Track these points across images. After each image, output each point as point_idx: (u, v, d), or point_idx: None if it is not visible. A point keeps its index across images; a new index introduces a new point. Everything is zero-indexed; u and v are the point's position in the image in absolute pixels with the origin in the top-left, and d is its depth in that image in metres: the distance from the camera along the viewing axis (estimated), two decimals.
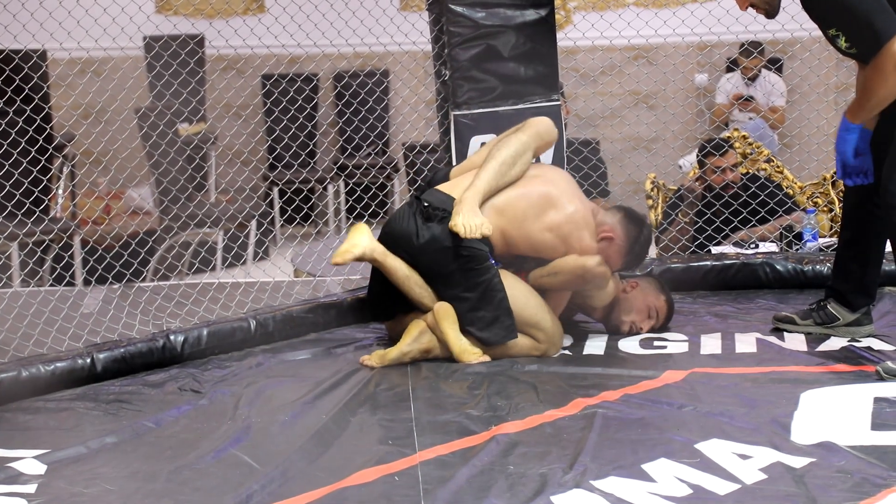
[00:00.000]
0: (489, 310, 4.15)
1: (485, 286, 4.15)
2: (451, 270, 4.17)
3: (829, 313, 4.27)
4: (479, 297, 4.15)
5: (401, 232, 4.25)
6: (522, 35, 4.99)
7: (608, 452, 3.21)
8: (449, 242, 4.15)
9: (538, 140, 4.41)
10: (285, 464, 3.19)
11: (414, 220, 4.23)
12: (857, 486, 2.94)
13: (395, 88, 9.27)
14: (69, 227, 6.49)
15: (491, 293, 4.15)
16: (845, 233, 4.22)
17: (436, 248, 4.17)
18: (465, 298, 4.16)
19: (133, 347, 4.18)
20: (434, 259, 4.18)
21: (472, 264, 4.15)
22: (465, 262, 4.15)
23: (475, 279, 4.16)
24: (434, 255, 4.17)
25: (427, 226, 4.21)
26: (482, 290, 4.15)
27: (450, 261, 4.16)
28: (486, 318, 4.15)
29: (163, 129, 6.75)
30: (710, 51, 8.79)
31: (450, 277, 4.17)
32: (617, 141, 8.27)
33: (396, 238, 4.25)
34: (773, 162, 6.61)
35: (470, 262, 4.15)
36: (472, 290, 4.16)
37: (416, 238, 4.20)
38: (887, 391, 3.63)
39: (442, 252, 4.16)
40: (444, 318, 4.14)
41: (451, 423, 3.49)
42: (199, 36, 8.33)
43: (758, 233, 5.97)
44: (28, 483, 3.16)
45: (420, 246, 4.19)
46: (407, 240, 4.22)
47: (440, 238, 4.17)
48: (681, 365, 4.00)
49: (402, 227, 4.25)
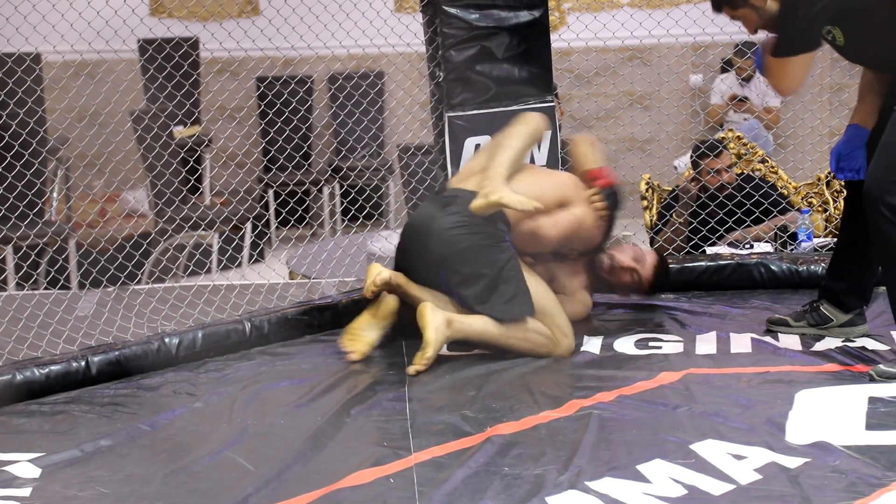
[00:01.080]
0: (508, 287, 4.16)
1: (503, 264, 4.17)
2: (468, 247, 4.16)
3: (823, 315, 4.27)
4: (497, 274, 4.16)
5: (419, 221, 4.29)
6: (516, 36, 4.99)
7: (603, 453, 3.21)
8: (467, 222, 4.18)
9: (539, 135, 4.49)
10: (281, 466, 3.19)
11: (433, 209, 4.28)
12: (852, 485, 2.95)
13: (389, 90, 9.27)
14: (64, 231, 6.49)
15: (510, 272, 4.17)
16: (844, 234, 4.22)
17: (454, 230, 4.18)
18: (482, 275, 4.16)
19: (128, 350, 4.17)
20: (452, 240, 4.18)
21: (491, 241, 4.18)
22: (483, 240, 4.17)
23: (494, 256, 4.17)
24: (452, 236, 4.18)
25: (445, 211, 4.23)
26: (500, 267, 4.17)
27: (468, 239, 4.17)
28: (505, 293, 4.15)
29: (157, 132, 6.75)
30: (705, 51, 8.80)
31: (466, 254, 4.17)
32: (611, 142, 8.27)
33: (415, 227, 4.29)
34: (768, 162, 6.62)
35: (488, 239, 4.18)
36: (489, 266, 4.16)
37: (435, 222, 4.21)
38: (882, 391, 3.63)
39: (460, 231, 4.18)
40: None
41: (447, 424, 3.49)
42: (193, 38, 8.33)
43: (752, 233, 5.97)
44: (23, 486, 3.15)
45: (438, 230, 4.20)
46: (425, 227, 4.24)
47: (459, 220, 4.19)
48: (676, 366, 4.00)
49: (421, 217, 4.30)
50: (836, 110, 8.31)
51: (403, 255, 4.35)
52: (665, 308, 4.75)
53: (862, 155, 3.98)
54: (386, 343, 4.29)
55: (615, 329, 4.49)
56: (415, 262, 4.27)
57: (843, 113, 7.86)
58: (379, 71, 9.06)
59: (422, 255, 4.25)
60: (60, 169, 7.65)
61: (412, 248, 4.29)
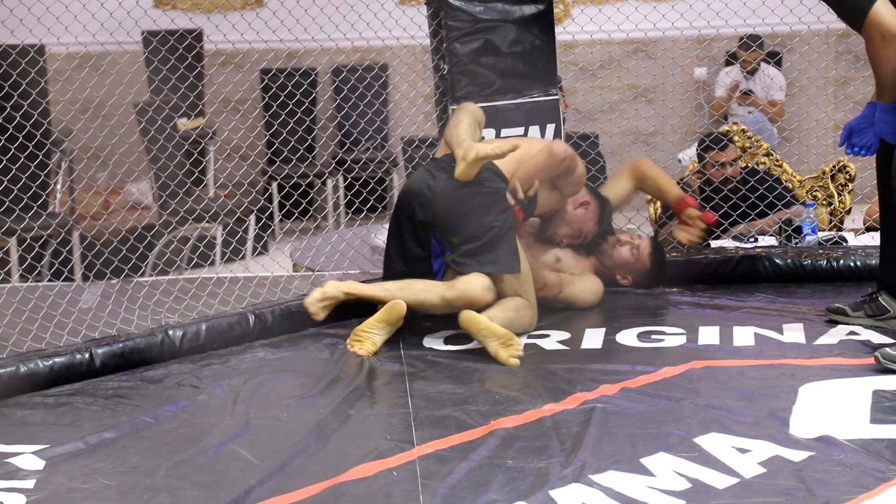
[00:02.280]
0: (506, 242, 4.28)
1: (504, 220, 4.29)
2: (471, 207, 4.28)
3: (881, 305, 4.25)
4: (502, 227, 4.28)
5: (414, 187, 4.38)
6: (521, 29, 4.99)
7: (607, 447, 3.21)
8: (468, 182, 4.29)
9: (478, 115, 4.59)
10: (284, 459, 3.19)
11: (426, 175, 4.37)
12: (856, 479, 2.94)
13: (393, 83, 9.26)
14: (67, 223, 6.48)
15: (509, 231, 4.29)
16: (885, 222, 4.19)
17: (453, 190, 4.29)
18: (491, 227, 4.27)
19: (131, 342, 4.18)
20: (453, 200, 4.28)
21: (494, 199, 4.30)
22: (485, 199, 4.29)
23: (497, 213, 4.29)
24: (453, 197, 4.29)
25: (441, 173, 4.34)
26: (503, 221, 4.29)
27: (470, 199, 4.29)
28: (504, 251, 4.26)
29: (161, 125, 6.75)
30: (709, 44, 8.78)
31: (469, 215, 4.28)
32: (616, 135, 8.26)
33: (411, 193, 4.37)
34: (773, 156, 6.61)
35: (490, 198, 4.29)
36: (493, 225, 4.28)
37: (432, 183, 4.32)
38: (886, 384, 3.62)
39: (461, 192, 4.29)
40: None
41: (450, 417, 3.48)
42: (197, 31, 8.31)
43: (757, 227, 5.96)
44: (26, 478, 3.16)
45: (436, 191, 4.30)
46: (420, 191, 4.34)
47: (457, 181, 4.29)
48: (679, 359, 3.99)
49: (415, 183, 4.39)
50: (840, 103, 8.30)
51: (400, 221, 4.41)
52: (668, 301, 4.75)
53: (873, 133, 3.94)
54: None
55: (618, 322, 4.48)
56: (414, 228, 4.36)
57: (847, 106, 7.85)
58: (383, 63, 9.04)
59: (421, 221, 4.34)
60: (64, 161, 7.65)
61: (411, 213, 4.36)
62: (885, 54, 3.75)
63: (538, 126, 5.01)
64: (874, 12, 3.74)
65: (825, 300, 4.64)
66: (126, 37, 5.54)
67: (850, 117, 4.15)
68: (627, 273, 4.81)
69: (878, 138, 3.95)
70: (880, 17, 3.75)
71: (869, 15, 3.73)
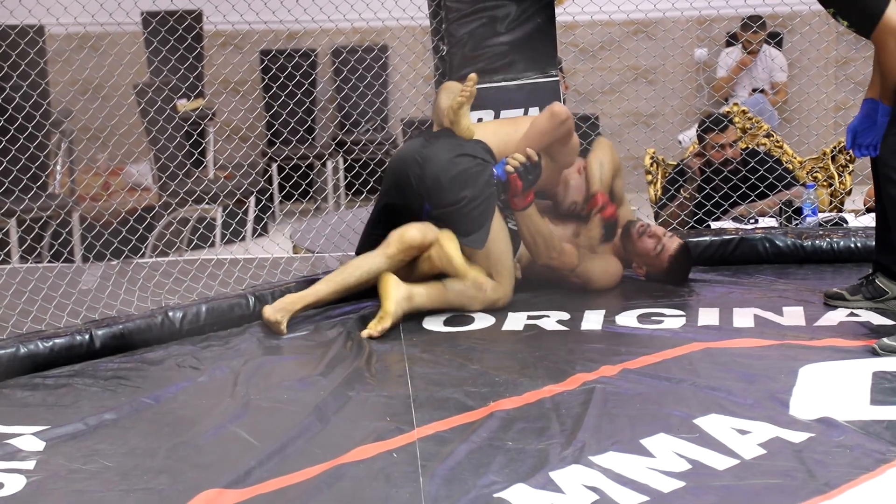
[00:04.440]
0: (479, 217, 4.36)
1: (481, 195, 4.36)
2: (455, 176, 4.35)
3: (878, 287, 4.25)
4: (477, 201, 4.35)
5: (407, 152, 4.46)
6: (520, 10, 4.97)
7: (607, 428, 3.21)
8: (456, 147, 4.40)
9: None
10: (284, 440, 3.19)
11: (420, 141, 4.46)
12: (856, 460, 2.94)
13: (393, 64, 9.25)
14: (67, 204, 6.48)
15: (485, 207, 4.37)
16: (878, 206, 4.20)
17: (442, 157, 4.36)
18: (467, 199, 4.34)
19: (132, 324, 4.18)
20: (439, 166, 4.36)
21: (476, 172, 4.37)
22: (469, 171, 4.37)
23: (476, 187, 4.36)
24: (440, 162, 4.36)
25: (433, 140, 4.44)
26: (481, 196, 4.36)
27: (455, 166, 4.36)
28: (472, 225, 4.35)
29: (161, 105, 6.74)
30: (710, 25, 8.76)
31: (451, 183, 4.34)
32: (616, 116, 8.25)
33: (403, 158, 4.45)
34: (773, 137, 6.60)
35: (474, 170, 4.37)
36: (469, 196, 4.35)
37: (424, 150, 4.41)
38: (886, 365, 3.62)
39: (449, 160, 4.37)
40: (448, 238, 4.33)
41: (450, 399, 3.49)
42: (196, 11, 8.30)
43: (757, 208, 5.96)
44: (26, 459, 3.16)
45: (426, 156, 4.38)
46: (412, 156, 4.41)
47: (450, 147, 4.39)
48: (679, 340, 3.99)
49: (408, 149, 4.48)
50: (841, 84, 8.28)
51: (390, 187, 4.48)
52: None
53: (877, 132, 3.95)
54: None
55: (618, 303, 4.48)
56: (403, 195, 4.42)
57: (848, 87, 7.84)
58: (383, 44, 9.03)
59: (411, 185, 4.39)
60: (64, 142, 7.65)
61: (403, 178, 4.42)
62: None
63: (538, 107, 5.00)
64: (887, 17, 3.74)
65: (825, 281, 4.64)
66: (125, 17, 5.52)
67: (850, 98, 4.16)
68: (644, 264, 4.76)
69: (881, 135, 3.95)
70: (894, 22, 3.75)
71: (881, 20, 3.73)
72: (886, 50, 3.78)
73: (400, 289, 4.24)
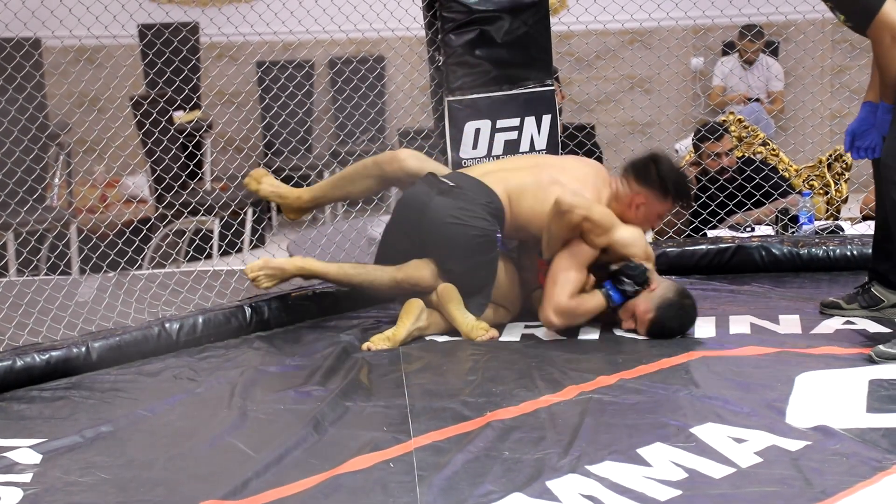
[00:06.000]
0: (476, 289, 4.30)
1: (485, 267, 4.30)
2: (458, 245, 4.27)
3: (874, 296, 4.25)
4: (477, 275, 4.29)
5: (413, 201, 4.37)
6: (516, 20, 4.98)
7: (603, 437, 3.21)
8: (463, 215, 4.27)
9: None
10: (281, 451, 3.19)
11: (429, 190, 4.35)
12: (853, 468, 2.95)
13: (389, 75, 9.25)
14: (64, 216, 6.48)
15: (487, 276, 4.30)
16: (879, 213, 4.20)
17: (445, 223, 4.27)
18: (467, 273, 4.28)
19: (128, 336, 4.18)
20: (443, 234, 4.28)
21: (481, 247, 4.28)
22: (474, 240, 4.27)
23: (479, 259, 4.29)
24: (444, 224, 4.27)
25: (441, 199, 4.30)
26: (484, 269, 4.30)
27: (460, 238, 4.26)
28: (467, 290, 4.28)
29: (157, 118, 6.74)
30: (705, 34, 8.77)
31: (454, 252, 4.28)
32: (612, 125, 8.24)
33: (408, 204, 4.38)
34: (769, 145, 6.61)
35: (479, 240, 4.27)
36: (473, 269, 4.29)
37: (431, 203, 4.30)
38: (882, 373, 3.63)
39: (454, 222, 4.27)
40: (450, 300, 4.25)
41: (446, 409, 3.49)
42: (192, 23, 8.30)
43: (753, 216, 5.97)
44: (23, 472, 3.16)
45: (433, 213, 4.28)
46: (420, 206, 4.32)
47: (455, 210, 4.27)
48: (676, 349, 3.99)
49: (416, 196, 4.37)
50: (837, 93, 8.29)
51: (395, 227, 4.44)
52: None
53: (876, 133, 3.94)
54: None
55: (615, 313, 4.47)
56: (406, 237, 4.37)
57: (843, 95, 7.85)
58: (379, 55, 9.02)
59: (412, 233, 4.34)
60: (60, 154, 7.65)
61: (403, 223, 4.39)
62: (894, 54, 3.76)
63: (534, 117, 5.01)
64: (884, 13, 3.75)
65: (822, 290, 4.65)
66: (121, 30, 5.53)
67: (846, 106, 4.16)
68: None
69: (882, 138, 3.95)
70: (891, 18, 3.76)
71: (878, 16, 3.74)
72: (882, 45, 3.79)
73: (418, 321, 4.24)
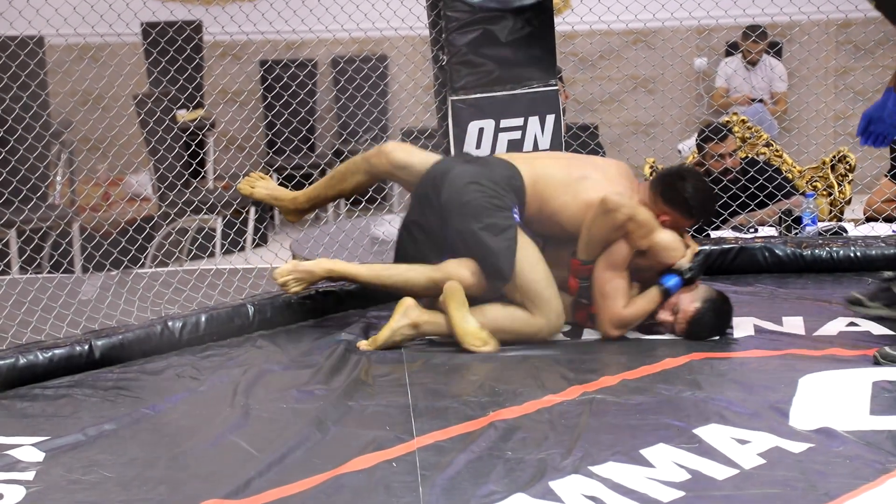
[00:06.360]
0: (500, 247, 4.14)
1: (501, 232, 4.15)
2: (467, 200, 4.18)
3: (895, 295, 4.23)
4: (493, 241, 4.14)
5: (436, 170, 4.31)
6: (520, 19, 4.97)
7: (606, 438, 3.21)
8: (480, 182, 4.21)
9: None
10: (283, 450, 3.18)
11: (454, 161, 4.38)
12: (857, 470, 2.94)
13: (392, 74, 9.25)
14: (67, 214, 6.49)
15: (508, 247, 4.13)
16: None
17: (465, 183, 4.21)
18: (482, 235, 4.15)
19: (131, 334, 4.17)
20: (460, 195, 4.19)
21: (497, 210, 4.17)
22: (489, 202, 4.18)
23: (494, 221, 4.15)
24: (462, 191, 4.20)
25: (463, 166, 4.30)
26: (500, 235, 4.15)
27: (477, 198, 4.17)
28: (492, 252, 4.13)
29: (160, 116, 6.75)
30: (709, 34, 8.77)
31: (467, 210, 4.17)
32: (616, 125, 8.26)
33: (432, 175, 4.30)
34: (773, 146, 6.60)
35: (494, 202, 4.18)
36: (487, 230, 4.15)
37: (449, 174, 4.26)
38: (886, 375, 3.62)
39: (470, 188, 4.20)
40: (452, 298, 4.11)
41: (449, 408, 3.48)
42: (196, 22, 8.30)
43: (757, 217, 5.96)
44: (26, 470, 3.15)
45: (452, 178, 4.23)
46: (440, 176, 4.27)
47: (474, 175, 4.24)
48: (679, 350, 3.99)
49: (439, 166, 4.33)
50: (841, 94, 8.29)
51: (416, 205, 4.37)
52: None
53: (889, 123, 3.90)
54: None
55: None
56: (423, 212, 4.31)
57: (847, 96, 7.85)
58: (382, 54, 9.03)
59: (432, 204, 4.27)
60: (64, 153, 7.66)
61: (423, 199, 4.32)
62: None
63: (538, 117, 5.00)
64: None
65: (825, 291, 4.64)
66: (125, 28, 5.53)
67: (850, 107, 4.15)
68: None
69: (893, 128, 3.89)
70: None
71: None
72: None
73: (405, 318, 4.14)
